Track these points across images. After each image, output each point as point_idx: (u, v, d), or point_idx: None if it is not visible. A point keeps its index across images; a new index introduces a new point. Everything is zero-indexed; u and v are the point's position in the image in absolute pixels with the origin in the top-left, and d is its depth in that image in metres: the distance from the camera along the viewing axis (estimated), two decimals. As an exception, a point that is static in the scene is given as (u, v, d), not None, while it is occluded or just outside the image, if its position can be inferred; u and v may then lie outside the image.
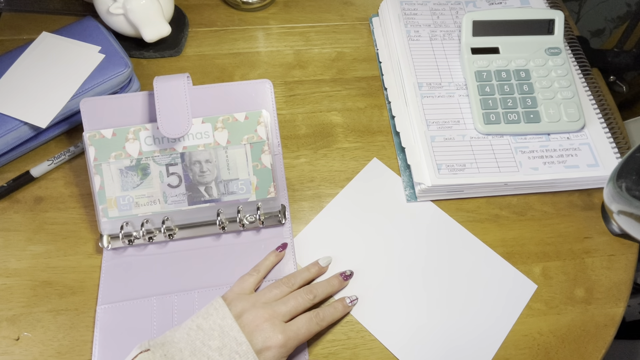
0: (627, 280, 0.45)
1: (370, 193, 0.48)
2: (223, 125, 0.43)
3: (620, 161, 0.40)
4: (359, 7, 0.61)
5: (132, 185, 0.42)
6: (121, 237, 0.42)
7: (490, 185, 0.46)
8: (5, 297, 0.41)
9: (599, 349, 0.42)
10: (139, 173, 0.42)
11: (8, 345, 0.39)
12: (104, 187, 0.42)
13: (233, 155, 0.43)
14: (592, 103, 0.51)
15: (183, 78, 0.43)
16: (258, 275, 0.41)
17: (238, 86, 0.45)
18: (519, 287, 0.44)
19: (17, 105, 0.44)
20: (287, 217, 0.45)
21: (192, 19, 0.58)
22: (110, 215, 0.42)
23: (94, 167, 0.42)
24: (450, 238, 0.46)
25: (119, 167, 0.42)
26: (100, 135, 0.42)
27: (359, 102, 0.54)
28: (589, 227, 0.47)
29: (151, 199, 0.43)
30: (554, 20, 0.52)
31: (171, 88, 0.42)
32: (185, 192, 0.43)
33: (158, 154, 0.43)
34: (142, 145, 0.42)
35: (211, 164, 0.43)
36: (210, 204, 0.43)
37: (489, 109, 0.49)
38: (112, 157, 0.42)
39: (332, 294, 0.42)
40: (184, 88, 0.42)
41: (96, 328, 0.40)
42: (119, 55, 0.48)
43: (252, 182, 0.44)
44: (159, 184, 0.43)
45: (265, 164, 0.44)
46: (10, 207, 0.45)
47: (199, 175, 0.43)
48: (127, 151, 0.42)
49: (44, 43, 0.49)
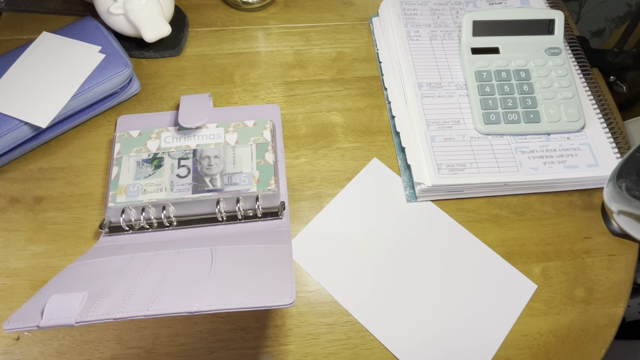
0: (627, 280, 0.45)
1: (370, 193, 0.48)
2: (234, 130, 0.48)
3: (620, 161, 0.40)
4: (359, 7, 0.61)
5: (145, 175, 0.46)
6: (122, 222, 0.43)
7: (490, 185, 0.46)
8: (5, 297, 0.41)
9: (599, 349, 0.42)
10: (153, 165, 0.46)
11: (8, 345, 0.39)
12: (119, 176, 0.46)
13: (240, 152, 0.47)
14: (592, 103, 0.51)
15: (205, 96, 0.50)
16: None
17: (251, 108, 0.52)
18: (518, 287, 0.44)
19: (17, 105, 0.44)
20: (285, 214, 0.46)
21: (192, 19, 0.58)
22: (118, 201, 0.44)
23: (115, 160, 0.46)
24: (450, 238, 0.46)
25: (137, 160, 0.46)
26: (128, 134, 0.48)
27: (359, 102, 0.54)
28: (589, 227, 0.47)
29: (159, 187, 0.45)
30: (554, 20, 0.52)
31: (194, 97, 0.50)
32: (191, 182, 0.45)
33: (174, 150, 0.47)
34: (161, 142, 0.48)
35: (219, 159, 0.47)
36: (213, 193, 0.45)
37: (489, 109, 0.49)
38: (133, 151, 0.47)
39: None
40: (205, 99, 0.50)
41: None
42: (119, 55, 0.48)
43: (255, 175, 0.46)
44: (168, 175, 0.46)
45: (268, 161, 0.47)
46: (10, 207, 0.45)
47: (207, 168, 0.46)
48: (147, 147, 0.47)
49: (44, 43, 0.49)
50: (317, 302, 0.42)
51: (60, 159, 0.48)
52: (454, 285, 0.43)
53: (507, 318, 0.42)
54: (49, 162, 0.48)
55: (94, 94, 0.47)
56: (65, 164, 0.48)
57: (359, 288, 0.43)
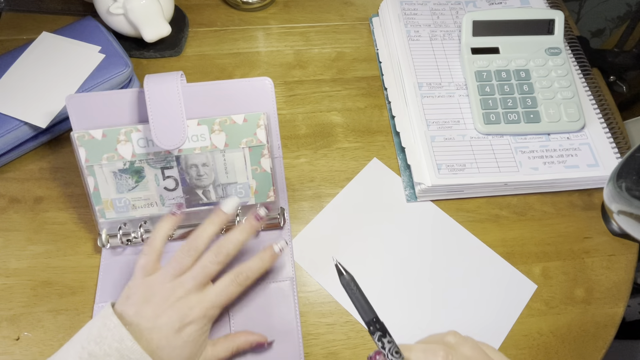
0: (627, 280, 0.45)
1: (370, 193, 0.48)
2: (220, 128, 0.41)
3: (620, 161, 0.40)
4: (359, 7, 0.61)
5: (127, 187, 0.41)
6: (120, 237, 0.42)
7: (490, 185, 0.46)
8: (5, 297, 0.41)
9: (599, 349, 0.42)
10: (133, 176, 0.41)
11: (8, 345, 0.39)
12: (99, 188, 0.41)
13: (231, 159, 0.42)
14: (592, 103, 0.51)
15: (176, 78, 0.39)
16: (154, 253, 0.36)
17: (236, 84, 0.42)
18: (518, 287, 0.44)
19: (17, 105, 0.44)
20: (286, 219, 0.45)
21: (192, 19, 0.58)
22: (108, 217, 0.42)
23: (86, 168, 0.41)
24: (450, 238, 0.46)
25: (112, 170, 0.41)
26: (90, 136, 0.40)
27: (359, 102, 0.54)
28: (589, 227, 0.47)
29: (148, 202, 0.42)
30: (554, 20, 0.52)
31: (163, 91, 0.39)
32: (183, 196, 0.42)
33: (152, 157, 0.41)
34: (134, 147, 0.40)
35: (208, 167, 0.42)
36: (209, 207, 0.43)
37: (489, 109, 0.49)
38: (104, 159, 0.41)
39: (247, 240, 0.37)
40: (177, 90, 0.39)
41: None
42: (119, 55, 0.48)
43: (251, 186, 0.43)
44: (155, 187, 0.42)
45: (264, 168, 0.42)
46: (10, 207, 0.45)
47: (196, 178, 0.42)
48: (119, 153, 0.40)
49: (44, 43, 0.49)
50: (317, 302, 0.42)
51: (60, 159, 0.48)
52: (454, 285, 0.43)
53: (507, 318, 0.42)
54: (49, 162, 0.48)
55: (94, 94, 0.47)
56: (65, 164, 0.48)
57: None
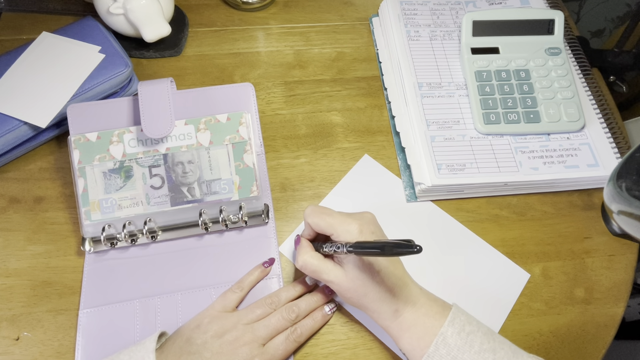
0: (627, 280, 0.45)
1: (370, 193, 0.48)
2: (205, 127, 0.44)
3: (620, 161, 0.40)
4: (359, 7, 0.61)
5: (115, 187, 0.42)
6: (103, 240, 0.41)
7: (490, 185, 0.46)
8: (5, 297, 0.41)
9: (599, 349, 0.42)
10: (122, 175, 0.42)
11: (8, 345, 0.39)
12: (87, 189, 0.42)
13: (215, 155, 0.43)
14: (592, 103, 0.51)
15: (166, 82, 0.44)
16: (241, 292, 0.41)
17: (220, 90, 0.46)
18: (513, 277, 0.44)
19: (17, 105, 0.44)
20: (270, 217, 0.45)
21: (192, 19, 0.58)
22: (93, 218, 0.42)
23: (78, 169, 0.42)
24: (450, 238, 0.46)
25: (102, 170, 0.42)
26: (85, 138, 0.43)
27: (359, 102, 0.54)
28: (589, 227, 0.47)
29: (134, 201, 0.42)
30: (554, 20, 0.52)
31: (154, 91, 0.43)
32: (168, 193, 0.43)
33: (141, 156, 0.43)
34: (125, 147, 0.43)
35: (194, 164, 0.43)
36: (193, 204, 0.43)
37: (489, 109, 0.49)
38: (96, 160, 0.42)
39: (317, 308, 0.41)
40: (167, 91, 0.44)
41: (78, 333, 0.40)
42: (119, 55, 0.48)
43: (235, 182, 0.43)
44: (142, 186, 0.43)
45: (247, 164, 0.44)
46: (10, 207, 0.45)
47: (182, 176, 0.43)
48: (111, 153, 0.43)
49: (44, 43, 0.49)
50: (317, 302, 0.42)
51: (60, 159, 0.48)
52: (454, 285, 0.43)
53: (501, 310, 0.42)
54: (49, 162, 0.48)
55: (93, 94, 0.47)
56: (65, 164, 0.48)
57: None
